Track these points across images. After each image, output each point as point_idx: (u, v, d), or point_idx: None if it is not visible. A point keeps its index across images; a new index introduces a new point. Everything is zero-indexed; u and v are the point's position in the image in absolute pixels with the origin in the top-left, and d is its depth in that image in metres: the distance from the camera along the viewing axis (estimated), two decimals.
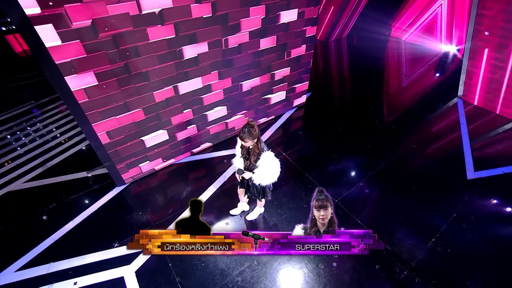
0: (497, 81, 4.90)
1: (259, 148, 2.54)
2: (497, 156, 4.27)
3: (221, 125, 4.37)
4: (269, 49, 4.02)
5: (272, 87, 4.60)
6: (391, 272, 2.90)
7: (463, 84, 5.37)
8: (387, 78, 6.51)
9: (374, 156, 4.33)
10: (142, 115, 3.35)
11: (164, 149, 3.90)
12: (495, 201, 3.61)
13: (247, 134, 2.42)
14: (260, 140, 2.54)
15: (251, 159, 2.61)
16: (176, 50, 3.12)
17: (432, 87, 6.16)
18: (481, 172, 3.98)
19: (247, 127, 2.43)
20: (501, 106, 5.01)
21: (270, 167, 2.56)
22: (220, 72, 3.72)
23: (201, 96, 3.76)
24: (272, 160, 2.54)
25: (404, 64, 7.03)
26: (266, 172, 2.57)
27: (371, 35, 8.34)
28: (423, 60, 7.24)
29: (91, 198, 3.72)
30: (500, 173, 3.94)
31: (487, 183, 3.84)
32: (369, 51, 7.78)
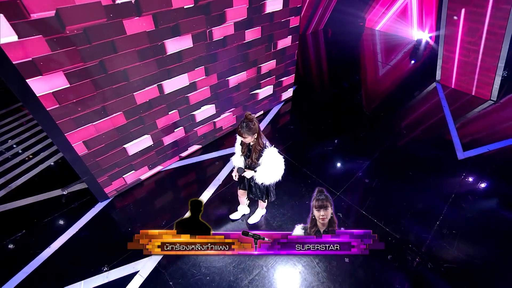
0: (471, 64, 5.10)
1: (261, 144, 2.32)
2: (480, 135, 4.43)
3: (209, 125, 4.07)
4: (255, 41, 3.79)
5: (259, 82, 4.38)
6: (404, 261, 2.83)
7: (440, 68, 5.54)
8: (367, 68, 6.57)
9: (368, 145, 4.30)
10: (123, 120, 2.97)
11: (149, 156, 3.53)
12: (486, 178, 3.72)
13: (246, 129, 2.20)
14: (260, 135, 2.32)
15: (253, 157, 2.38)
16: (158, 44, 2.79)
17: (410, 73, 6.31)
18: (469, 152, 4.09)
19: (245, 121, 2.20)
20: (476, 87, 5.23)
21: (274, 164, 2.34)
22: (206, 67, 3.42)
23: (187, 94, 3.44)
24: (275, 157, 2.33)
25: (381, 53, 7.15)
26: (270, 170, 2.35)
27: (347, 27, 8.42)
28: (398, 48, 7.44)
29: (69, 219, 3.26)
30: (486, 151, 4.08)
31: (476, 161, 3.95)
32: (346, 42, 7.83)
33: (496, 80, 4.93)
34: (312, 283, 2.68)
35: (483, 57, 4.91)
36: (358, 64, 6.84)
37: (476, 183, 3.66)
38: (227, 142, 4.35)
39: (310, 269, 2.79)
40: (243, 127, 2.20)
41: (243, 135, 2.22)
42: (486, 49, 4.82)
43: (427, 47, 7.25)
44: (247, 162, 2.47)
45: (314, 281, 2.69)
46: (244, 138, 2.24)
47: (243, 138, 2.25)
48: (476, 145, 4.20)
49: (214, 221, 3.21)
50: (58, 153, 4.21)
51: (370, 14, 8.31)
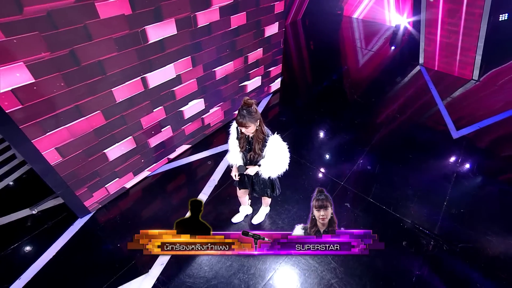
0: (453, 45, 5.25)
1: (264, 132, 2.10)
2: (469, 114, 4.56)
3: (197, 123, 3.78)
4: (241, 28, 3.57)
5: (248, 72, 4.16)
6: (419, 245, 2.77)
7: (423, 51, 5.66)
8: (350, 56, 6.59)
9: (365, 131, 4.25)
10: (101, 120, 2.61)
11: (134, 160, 3.18)
12: (483, 154, 3.82)
13: (248, 116, 1.93)
14: (262, 122, 2.09)
15: (256, 148, 2.14)
16: (138, 31, 2.47)
17: (394, 58, 6.42)
18: (462, 131, 4.19)
19: (245, 108, 1.94)
20: (459, 68, 5.40)
21: (280, 153, 2.14)
22: (193, 57, 3.14)
23: (173, 88, 3.13)
24: (281, 145, 2.14)
25: (362, 41, 7.22)
26: (277, 161, 2.15)
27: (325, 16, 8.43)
28: (377, 35, 7.56)
29: (42, 242, 2.83)
30: (477, 128, 4.19)
31: (470, 139, 4.06)
32: (326, 32, 7.83)
33: (477, 59, 5.11)
34: (330, 280, 2.52)
35: (463, 37, 5.07)
36: (341, 52, 6.84)
37: (475, 160, 3.73)
38: (217, 140, 4.09)
39: (326, 265, 2.63)
40: (244, 115, 1.94)
41: (245, 125, 1.96)
42: (466, 29, 4.97)
43: (406, 32, 7.43)
44: (248, 156, 2.24)
45: (332, 277, 2.54)
46: (247, 128, 1.99)
47: (246, 129, 2.00)
48: (467, 124, 4.31)
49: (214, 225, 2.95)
50: (23, 166, 3.70)
51: (347, 2, 8.38)
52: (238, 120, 1.97)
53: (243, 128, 2.00)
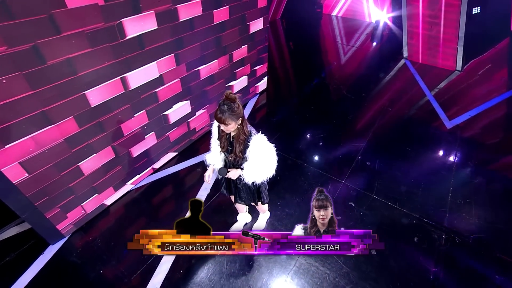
0: (435, 37, 5.42)
1: (246, 132, 1.91)
2: (458, 103, 4.68)
3: (183, 127, 3.55)
4: (225, 23, 3.42)
5: (233, 71, 4.00)
6: (431, 240, 2.70)
7: (406, 45, 5.80)
8: (334, 53, 6.64)
9: (359, 126, 4.22)
10: (74, 127, 2.33)
11: (114, 173, 2.89)
12: (478, 142, 3.89)
13: (229, 113, 1.75)
14: (245, 120, 1.91)
15: (236, 150, 1.95)
16: (114, 24, 2.24)
17: (377, 54, 6.54)
18: (454, 120, 4.26)
19: (225, 103, 1.75)
20: (442, 59, 5.57)
21: (265, 156, 1.94)
22: (176, 55, 2.94)
23: (155, 90, 2.90)
24: (266, 146, 1.94)
25: (344, 37, 7.33)
26: (261, 164, 1.95)
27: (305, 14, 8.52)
28: (358, 31, 7.72)
29: (3, 279, 2.44)
30: (468, 117, 4.29)
31: (463, 128, 4.13)
32: (306, 30, 7.89)
33: (459, 50, 5.30)
34: (345, 286, 2.37)
35: (444, 29, 5.24)
36: (323, 50, 6.88)
37: (472, 148, 3.79)
38: (204, 145, 3.86)
39: (338, 270, 2.48)
40: (223, 110, 1.74)
41: (225, 121, 1.76)
42: (446, 20, 5.15)
43: (386, 27, 7.65)
44: (229, 158, 2.04)
45: (347, 283, 2.38)
46: (227, 125, 1.79)
47: (225, 126, 1.80)
48: (458, 113, 4.40)
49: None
50: None
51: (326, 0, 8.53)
52: (217, 116, 1.77)
53: (222, 125, 1.80)
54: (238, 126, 1.86)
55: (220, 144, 2.03)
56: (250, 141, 1.90)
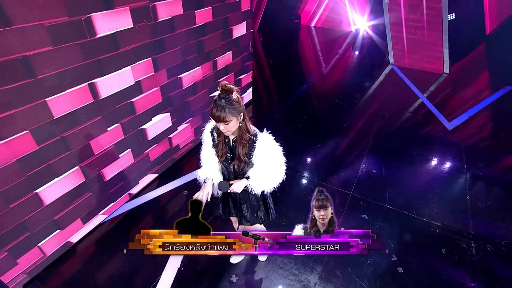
0: (419, 41, 5.70)
1: (250, 130, 1.70)
2: (453, 105, 4.85)
3: (164, 144, 3.27)
4: (207, 26, 3.31)
5: (217, 80, 3.84)
6: (461, 251, 2.56)
7: (391, 50, 6.04)
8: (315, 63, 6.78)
9: (357, 133, 4.18)
10: (31, 145, 1.99)
11: (83, 201, 2.51)
12: (483, 141, 3.97)
13: (229, 107, 1.53)
14: (247, 116, 1.70)
15: (240, 154, 1.72)
16: (82, 19, 2.02)
17: (363, 61, 6.76)
18: (454, 122, 4.38)
19: (223, 96, 1.55)
20: (429, 63, 5.84)
21: (274, 157, 1.74)
22: (155, 60, 2.73)
23: (131, 99, 2.64)
24: (274, 145, 1.74)
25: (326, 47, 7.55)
26: (270, 168, 1.74)
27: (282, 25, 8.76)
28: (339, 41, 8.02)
29: None
30: (467, 118, 4.41)
31: (464, 128, 4.23)
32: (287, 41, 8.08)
33: (445, 53, 5.58)
34: None
35: (428, 32, 5.53)
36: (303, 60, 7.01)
37: (478, 148, 3.85)
38: (188, 165, 3.59)
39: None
40: (222, 106, 1.52)
41: (225, 119, 1.54)
42: (429, 24, 5.45)
43: (367, 36, 8.02)
44: (231, 168, 1.80)
45: None
46: (227, 123, 1.57)
47: (225, 125, 1.58)
48: (456, 115, 4.53)
49: (210, 277, 2.39)
50: None
51: (303, 11, 8.87)
52: (215, 114, 1.54)
53: (222, 124, 1.58)
54: (240, 124, 1.65)
55: (217, 152, 1.79)
56: (256, 142, 1.69)
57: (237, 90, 1.60)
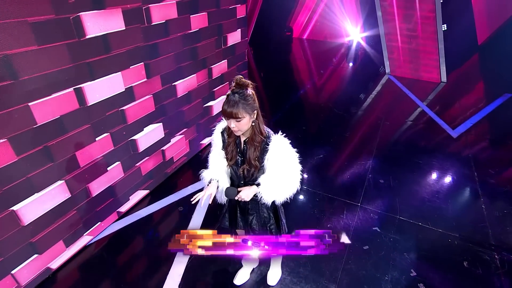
0: (415, 50, 5.85)
1: (263, 131, 1.62)
2: (455, 113, 4.92)
3: (157, 157, 3.14)
4: (203, 32, 3.28)
5: (212, 90, 3.78)
6: (485, 263, 2.46)
7: (387, 60, 6.16)
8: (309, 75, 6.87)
9: (360, 143, 4.15)
10: (9, 155, 1.84)
11: (66, 220, 2.33)
12: (490, 149, 4.00)
13: (243, 103, 1.46)
14: (261, 116, 1.63)
15: (252, 157, 1.62)
16: (70, 18, 1.93)
17: (359, 72, 6.88)
18: (458, 129, 4.42)
19: (236, 91, 1.49)
20: (426, 72, 5.97)
21: (288, 164, 1.64)
22: (147, 65, 2.65)
23: (122, 107, 2.53)
24: (289, 149, 1.64)
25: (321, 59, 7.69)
26: (284, 176, 1.62)
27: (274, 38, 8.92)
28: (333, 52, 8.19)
29: None
30: (471, 125, 4.46)
31: (468, 136, 4.26)
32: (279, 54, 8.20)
33: (441, 62, 5.73)
34: None
35: (423, 41, 5.69)
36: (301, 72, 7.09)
37: (487, 154, 3.86)
38: (183, 179, 3.44)
39: None
40: (235, 101, 1.45)
41: (237, 115, 1.46)
42: (424, 33, 5.62)
43: (361, 47, 8.23)
44: (241, 172, 1.70)
45: None
46: (239, 120, 1.48)
47: (237, 122, 1.49)
48: (459, 122, 4.59)
49: None
50: None
51: (295, 23, 9.09)
52: (227, 110, 1.46)
53: (233, 121, 1.49)
54: (253, 123, 1.56)
55: (227, 155, 1.69)
56: (269, 144, 1.59)
57: (252, 85, 1.53)
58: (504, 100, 5.19)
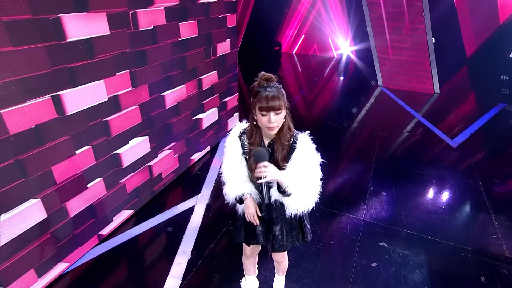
0: (407, 62, 6.01)
1: (292, 129, 1.59)
2: (452, 123, 5.01)
3: (143, 173, 2.99)
4: (192, 40, 3.25)
5: (202, 102, 3.71)
6: (502, 278, 2.38)
7: (379, 72, 6.29)
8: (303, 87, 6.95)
9: (359, 155, 4.13)
10: None
11: (40, 244, 2.12)
12: (491, 157, 4.06)
13: (278, 91, 1.44)
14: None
15: (279, 157, 1.55)
16: (50, 18, 1.85)
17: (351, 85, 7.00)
18: (457, 139, 4.48)
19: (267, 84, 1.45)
20: (419, 84, 6.11)
21: (314, 167, 1.59)
22: (132, 73, 2.57)
23: (106, 118, 2.41)
24: (315, 153, 1.60)
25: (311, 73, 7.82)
26: (309, 176, 1.57)
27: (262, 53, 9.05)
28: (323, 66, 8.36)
29: None
30: (469, 135, 4.53)
31: (468, 145, 4.32)
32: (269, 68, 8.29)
33: (433, 73, 5.89)
34: None
35: (414, 52, 5.87)
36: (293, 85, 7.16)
37: (489, 164, 3.90)
38: (172, 197, 3.29)
39: None
40: (274, 92, 1.41)
41: (280, 106, 1.42)
42: (415, 44, 5.80)
43: (351, 61, 8.43)
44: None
45: None
46: (279, 112, 1.43)
47: (276, 116, 1.43)
48: (457, 132, 4.66)
49: None
50: None
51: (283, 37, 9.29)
52: (268, 101, 1.39)
53: (273, 115, 1.42)
54: (284, 119, 1.51)
55: (249, 165, 1.60)
56: (296, 142, 1.54)
57: (276, 78, 1.51)
58: (498, 110, 5.34)
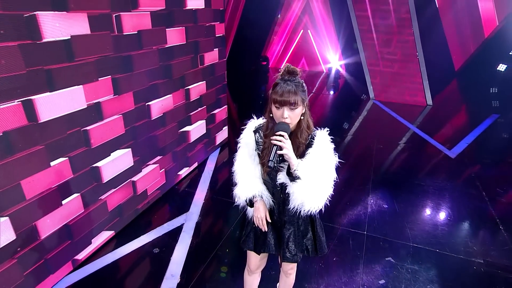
0: (398, 74, 6.15)
1: (311, 126, 1.55)
2: (448, 134, 5.13)
3: (126, 189, 2.82)
4: (179, 48, 3.20)
5: (189, 113, 3.62)
6: None
7: (370, 85, 6.40)
8: None
9: (355, 168, 4.10)
10: None
11: (4, 271, 1.91)
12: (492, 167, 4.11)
13: (300, 88, 1.43)
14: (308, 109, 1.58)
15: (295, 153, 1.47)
16: (24, 15, 1.75)
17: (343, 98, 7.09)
18: (455, 149, 4.54)
19: (288, 78, 1.44)
20: (411, 96, 6.22)
21: (330, 164, 1.52)
22: (115, 80, 2.46)
23: (86, 127, 2.27)
24: (332, 152, 1.54)
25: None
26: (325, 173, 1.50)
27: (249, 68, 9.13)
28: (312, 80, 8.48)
29: None
30: (466, 145, 4.59)
31: (466, 155, 4.38)
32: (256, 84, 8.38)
33: (425, 85, 6.03)
34: None
35: (405, 64, 6.02)
36: None
37: (489, 174, 3.92)
38: (158, 216, 3.12)
39: None
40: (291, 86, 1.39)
41: (296, 101, 1.39)
42: (405, 56, 5.96)
43: (340, 74, 8.60)
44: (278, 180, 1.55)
45: None
46: (293, 108, 1.40)
47: (291, 112, 1.41)
48: (454, 143, 4.73)
49: None
50: None
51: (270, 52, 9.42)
52: (283, 95, 1.37)
53: (287, 109, 1.41)
54: (302, 117, 1.48)
55: (263, 159, 1.52)
56: (314, 138, 1.50)
57: (301, 72, 1.50)
58: (492, 121, 5.49)
